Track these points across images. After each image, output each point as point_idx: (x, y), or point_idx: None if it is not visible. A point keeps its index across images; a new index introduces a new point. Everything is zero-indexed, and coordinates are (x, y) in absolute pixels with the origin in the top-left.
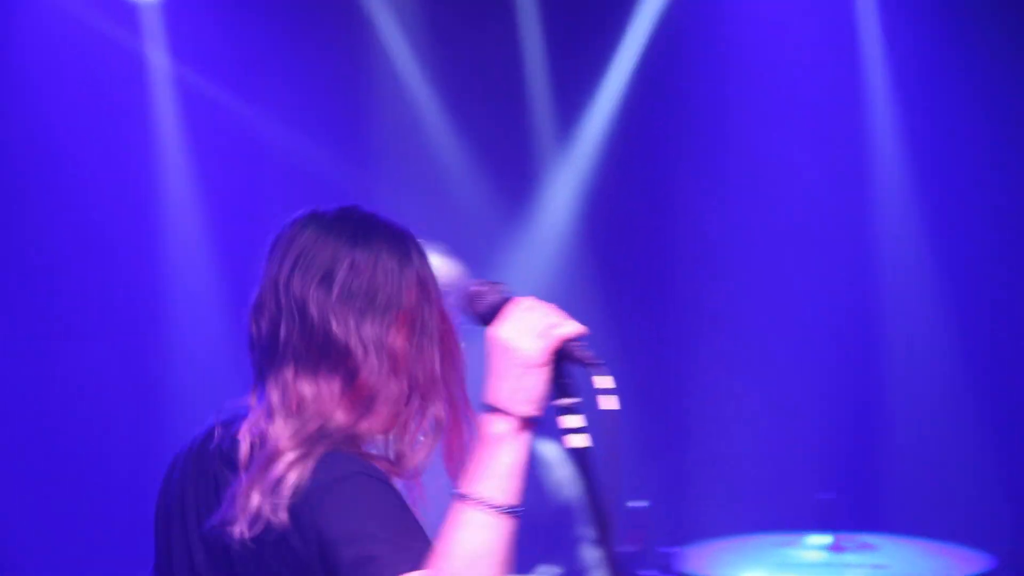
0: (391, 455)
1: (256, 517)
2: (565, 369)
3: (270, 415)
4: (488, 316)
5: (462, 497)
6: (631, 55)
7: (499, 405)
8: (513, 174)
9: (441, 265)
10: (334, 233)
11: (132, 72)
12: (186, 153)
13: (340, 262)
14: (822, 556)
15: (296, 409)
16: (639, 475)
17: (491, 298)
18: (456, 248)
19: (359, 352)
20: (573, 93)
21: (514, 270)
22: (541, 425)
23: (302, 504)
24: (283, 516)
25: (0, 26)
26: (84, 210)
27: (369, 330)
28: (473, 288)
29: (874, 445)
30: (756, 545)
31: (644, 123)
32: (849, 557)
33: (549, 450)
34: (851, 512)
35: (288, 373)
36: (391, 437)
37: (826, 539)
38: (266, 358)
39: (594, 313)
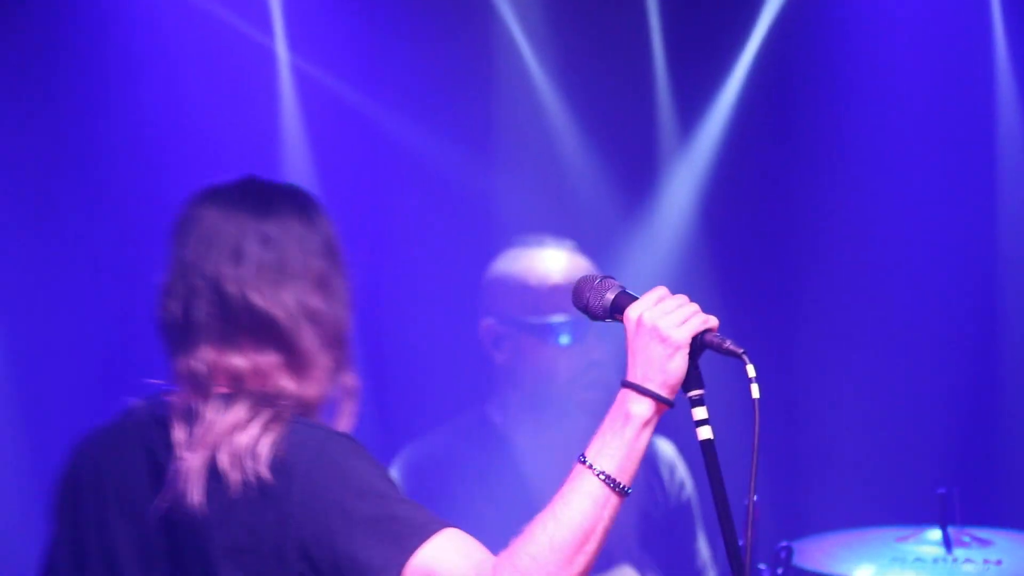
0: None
1: (216, 489)
2: (695, 361)
3: (201, 391)
4: (603, 311)
5: (586, 466)
6: (753, 52)
7: (643, 386)
8: (635, 170)
9: (569, 261)
10: (236, 207)
11: (259, 67)
12: (310, 150)
13: (248, 236)
14: (937, 551)
15: (231, 382)
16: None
17: (607, 294)
18: (579, 245)
19: (288, 322)
20: (695, 90)
21: (635, 266)
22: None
23: (280, 473)
24: (256, 486)
25: (124, 21)
26: None
27: (290, 299)
28: (587, 283)
29: (992, 440)
30: (870, 539)
31: (765, 120)
32: (964, 552)
33: (666, 448)
34: (967, 506)
35: (208, 352)
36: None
37: (941, 533)
38: (181, 340)
39: (713, 310)
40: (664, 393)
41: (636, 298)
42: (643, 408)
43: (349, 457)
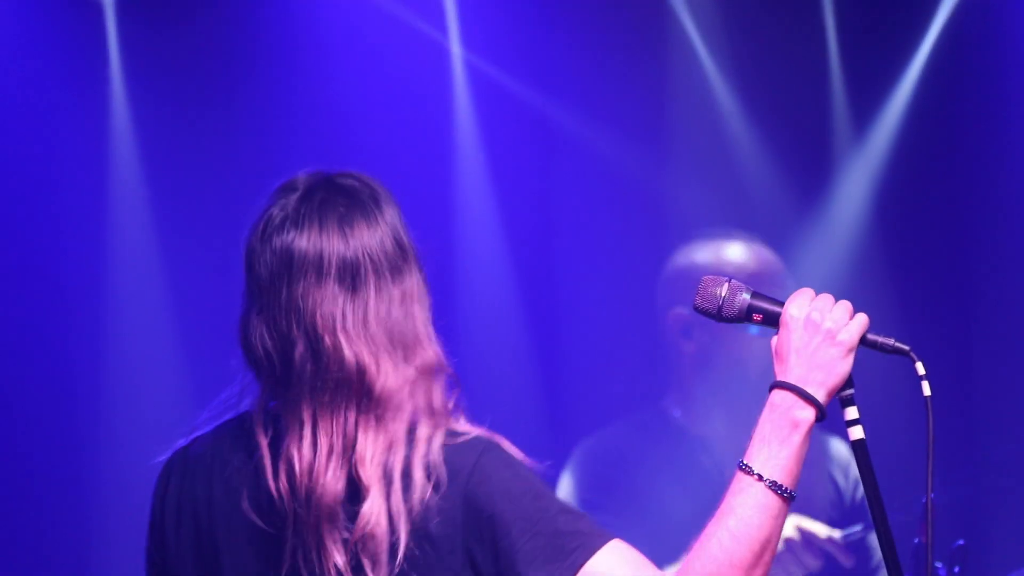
0: None
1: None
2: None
3: (356, 407)
4: (739, 312)
5: (754, 476)
6: (929, 47)
7: (807, 391)
8: (809, 166)
9: (759, 252)
10: (318, 231)
11: (433, 64)
12: (483, 148)
13: (332, 266)
14: None
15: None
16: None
17: (743, 294)
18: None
19: (422, 335)
20: (870, 85)
21: (809, 263)
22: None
23: (442, 485)
24: (421, 499)
25: (300, 19)
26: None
27: (416, 311)
28: (716, 283)
29: None
30: None
31: (940, 116)
32: None
33: (840, 447)
34: None
35: (349, 363)
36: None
37: None
38: (288, 376)
39: (886, 308)
40: (825, 396)
41: (774, 299)
42: (808, 414)
43: (508, 466)
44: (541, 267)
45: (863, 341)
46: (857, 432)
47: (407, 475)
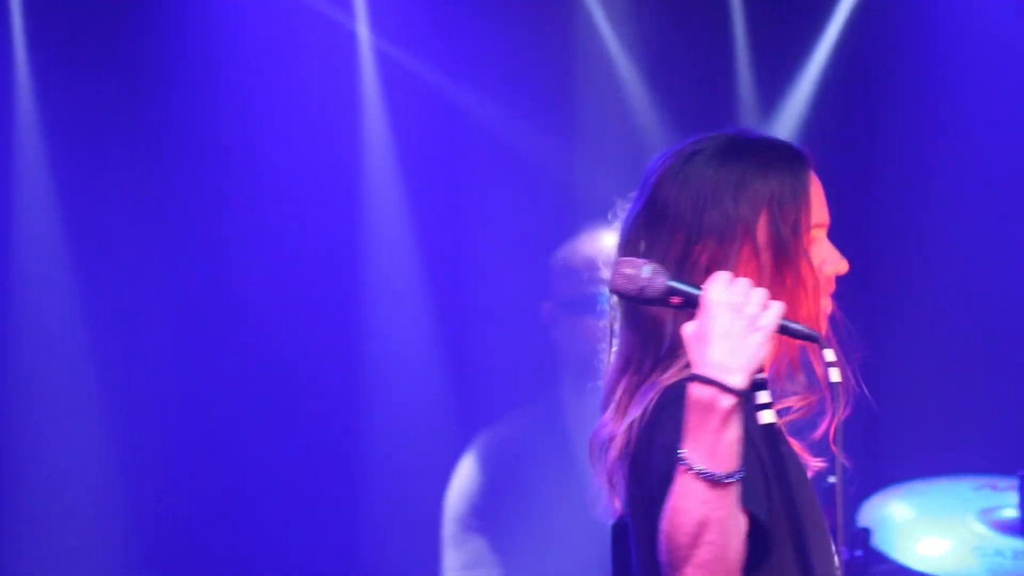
0: None
1: None
2: None
3: None
4: (658, 294)
5: (684, 464)
6: (835, 32)
7: (730, 377)
8: None
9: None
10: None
11: (340, 49)
12: (391, 131)
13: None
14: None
15: None
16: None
17: (660, 276)
18: None
19: None
20: (776, 72)
21: None
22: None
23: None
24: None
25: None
26: (287, 191)
27: None
28: (631, 264)
29: None
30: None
31: (845, 104)
32: None
33: None
34: None
35: None
36: None
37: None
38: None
39: None
40: (744, 380)
41: (692, 282)
42: (729, 401)
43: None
44: (449, 255)
45: (779, 327)
46: (767, 416)
47: None
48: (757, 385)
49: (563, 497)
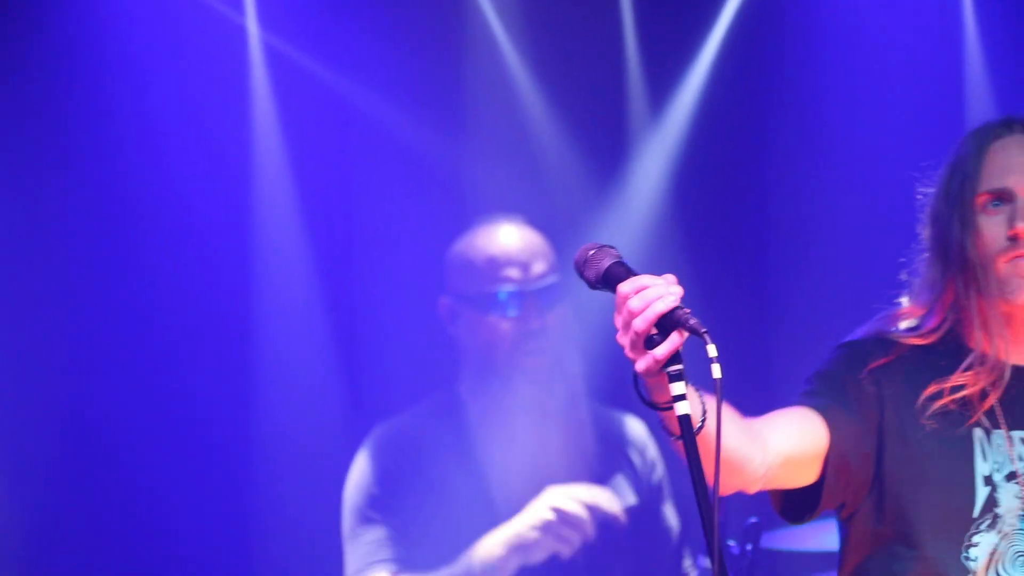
0: None
1: None
2: (668, 335)
3: None
4: (598, 281)
5: None
6: (724, 28)
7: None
8: (606, 148)
9: (512, 234)
10: None
11: (229, 44)
12: (281, 127)
13: None
14: None
15: None
16: None
17: (602, 263)
18: (548, 220)
19: None
20: (665, 66)
21: (607, 242)
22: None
23: None
24: None
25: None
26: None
27: None
28: (584, 252)
29: None
30: None
31: (735, 97)
32: None
33: (636, 427)
34: None
35: None
36: None
37: None
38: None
39: (684, 287)
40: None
41: (631, 270)
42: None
43: None
44: (341, 251)
45: (672, 318)
46: (682, 408)
47: None
48: (673, 377)
49: (462, 489)
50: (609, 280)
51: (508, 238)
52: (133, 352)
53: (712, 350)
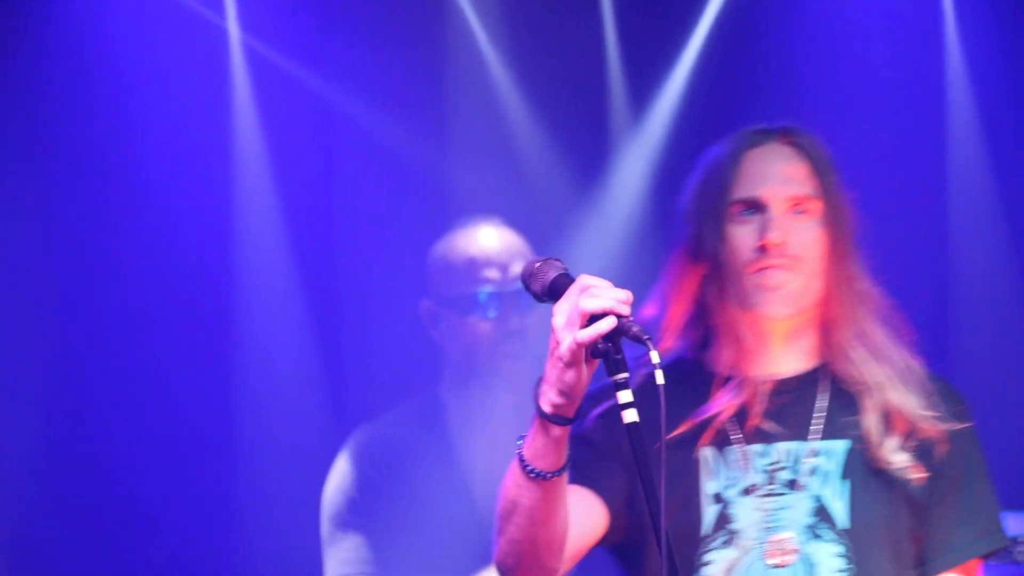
0: None
1: None
2: (618, 345)
3: None
4: (544, 293)
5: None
6: (705, 31)
7: (542, 400)
8: (587, 151)
9: (491, 236)
10: None
11: (210, 46)
12: (262, 130)
13: None
14: None
15: None
16: None
17: (547, 275)
18: (528, 224)
19: None
20: (646, 71)
21: (584, 247)
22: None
23: None
24: None
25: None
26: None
27: None
28: (530, 264)
29: None
30: None
31: (716, 100)
32: None
33: None
34: None
35: None
36: None
37: None
38: None
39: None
40: (558, 398)
41: (573, 281)
42: (549, 423)
43: None
44: (322, 254)
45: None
46: (629, 416)
47: None
48: (620, 385)
49: (443, 492)
50: (555, 292)
51: (487, 240)
52: (115, 355)
53: (655, 356)
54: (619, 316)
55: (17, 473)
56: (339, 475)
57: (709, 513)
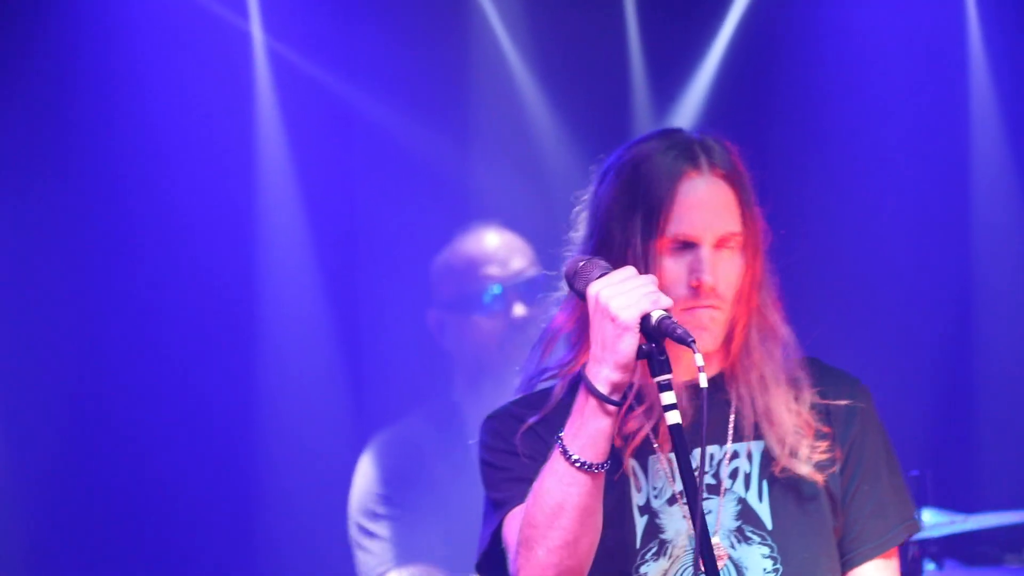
0: None
1: None
2: (661, 347)
3: None
4: (580, 289)
5: (558, 444)
6: (727, 39)
7: (597, 380)
8: (609, 152)
9: (489, 237)
10: None
11: (234, 50)
12: (285, 133)
13: None
14: None
15: None
16: None
17: (591, 274)
18: (551, 224)
19: None
20: (670, 75)
21: None
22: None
23: None
24: None
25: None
26: (181, 188)
27: None
28: (574, 263)
29: (964, 427)
30: None
31: (738, 108)
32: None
33: None
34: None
35: None
36: None
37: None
38: None
39: None
40: (609, 381)
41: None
42: (601, 402)
43: None
44: (344, 256)
45: (659, 327)
46: (672, 417)
47: None
48: (663, 387)
49: (462, 489)
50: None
51: (485, 239)
52: (138, 359)
53: (699, 359)
54: (663, 318)
55: (46, 474)
56: (364, 474)
57: (639, 525)
